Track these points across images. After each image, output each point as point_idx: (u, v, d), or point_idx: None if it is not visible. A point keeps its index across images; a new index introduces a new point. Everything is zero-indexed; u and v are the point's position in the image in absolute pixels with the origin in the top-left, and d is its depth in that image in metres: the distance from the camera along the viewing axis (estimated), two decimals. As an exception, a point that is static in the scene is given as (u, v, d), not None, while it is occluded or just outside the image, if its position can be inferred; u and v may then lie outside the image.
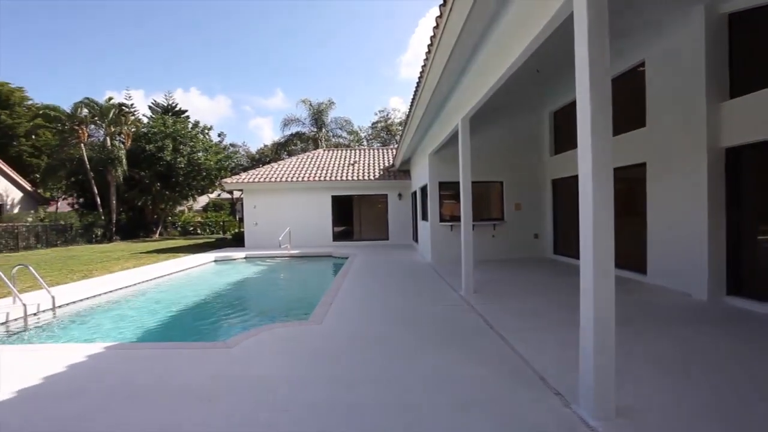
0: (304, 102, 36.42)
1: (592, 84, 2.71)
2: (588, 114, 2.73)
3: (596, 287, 2.72)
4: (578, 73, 2.84)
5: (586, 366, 2.81)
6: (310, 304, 6.86)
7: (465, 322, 5.30)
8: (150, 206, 28.97)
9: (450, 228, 11.38)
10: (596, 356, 2.73)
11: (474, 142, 7.60)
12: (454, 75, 6.64)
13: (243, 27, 73.89)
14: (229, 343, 4.64)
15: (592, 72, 2.71)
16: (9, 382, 3.65)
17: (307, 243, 17.49)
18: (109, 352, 4.50)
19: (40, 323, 6.49)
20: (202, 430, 2.78)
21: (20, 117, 33.56)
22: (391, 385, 3.42)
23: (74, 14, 62.55)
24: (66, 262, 13.60)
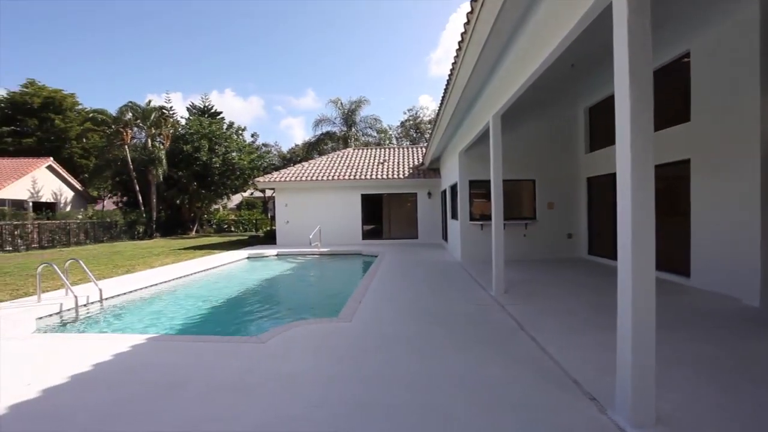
0: (335, 102, 36.86)
1: (632, 77, 2.59)
2: (627, 109, 2.61)
3: (635, 289, 2.61)
4: (617, 66, 2.72)
5: (624, 371, 2.70)
6: (340, 301, 6.93)
7: (495, 323, 5.21)
8: (187, 205, 30.15)
9: (480, 227, 11.21)
10: (635, 361, 2.61)
11: (505, 139, 7.47)
12: (486, 71, 6.52)
13: (275, 28, 75.57)
14: (263, 338, 4.76)
15: (632, 64, 2.59)
16: (63, 368, 3.90)
17: (337, 241, 17.69)
18: (150, 343, 4.72)
19: (89, 314, 6.90)
20: (237, 422, 2.87)
21: (72, 121, 35.80)
22: (420, 384, 3.41)
23: (120, 25, 66.00)
24: (111, 257, 14.37)
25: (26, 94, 35.38)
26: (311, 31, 76.36)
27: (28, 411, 3.10)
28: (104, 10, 66.14)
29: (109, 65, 69.39)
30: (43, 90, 36.24)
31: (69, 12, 63.25)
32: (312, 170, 19.16)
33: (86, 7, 64.24)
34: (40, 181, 26.34)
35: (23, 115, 34.40)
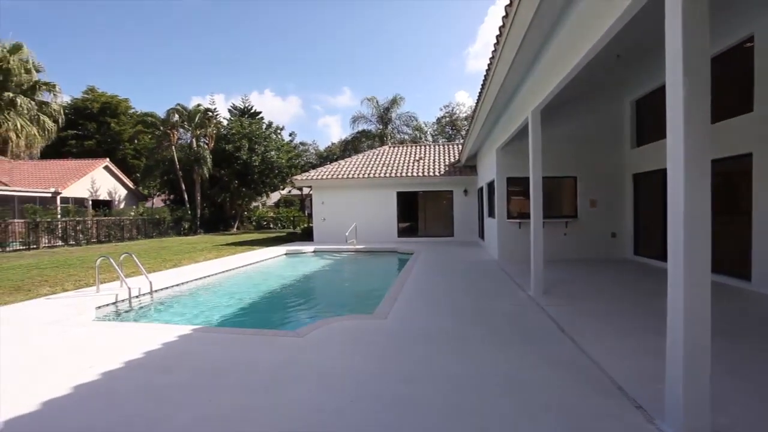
0: (370, 100, 37.07)
1: (687, 65, 2.42)
2: (680, 100, 2.45)
3: (688, 293, 2.45)
4: (669, 54, 2.55)
5: (675, 380, 2.55)
6: (375, 298, 6.99)
7: (534, 323, 5.07)
8: (228, 202, 31.39)
9: (518, 225, 10.92)
10: (687, 371, 2.46)
11: (545, 135, 7.23)
12: (525, 65, 6.33)
13: (313, 26, 76.90)
14: (300, 332, 4.88)
15: (687, 51, 2.42)
16: (119, 354, 4.18)
17: (373, 238, 17.81)
18: (194, 333, 4.96)
19: (141, 304, 7.35)
20: (276, 413, 2.96)
21: (125, 124, 38.32)
22: (456, 383, 3.38)
23: (168, 32, 69.60)
24: (159, 252, 15.22)
25: (87, 100, 38.20)
26: (348, 27, 77.05)
27: (90, 392, 3.35)
28: (154, 19, 70.02)
29: (159, 69, 73.35)
30: (101, 96, 39.01)
31: (124, 21, 67.48)
32: (348, 168, 19.38)
33: (138, 16, 68.26)
34: (98, 181, 28.29)
35: (84, 119, 37.17)
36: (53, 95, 18.48)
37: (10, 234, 17.12)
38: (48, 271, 10.40)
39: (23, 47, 16.89)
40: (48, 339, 4.82)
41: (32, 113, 16.94)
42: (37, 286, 8.23)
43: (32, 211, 18.52)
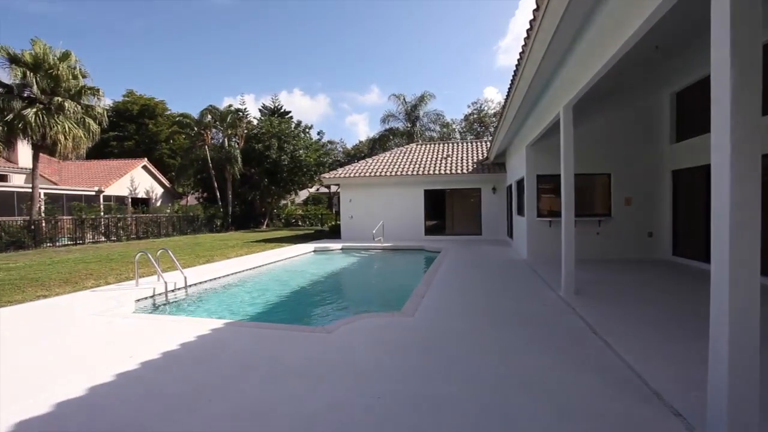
0: (398, 97, 37.01)
1: (736, 51, 2.25)
2: (727, 91, 2.30)
3: (734, 298, 2.30)
4: (715, 42, 2.40)
5: (718, 387, 2.41)
6: (403, 295, 6.99)
7: (564, 324, 4.93)
8: (258, 200, 32.16)
9: (548, 224, 10.64)
10: (733, 376, 2.32)
11: (577, 131, 7.01)
12: (557, 58, 6.14)
13: (341, 23, 77.47)
14: (328, 328, 4.95)
15: (736, 39, 2.26)
16: (156, 345, 4.38)
17: (400, 236, 17.81)
18: (227, 327, 5.12)
19: (176, 298, 7.66)
20: (304, 406, 3.02)
21: (162, 125, 39.94)
22: (483, 383, 3.34)
23: (201, 35, 71.96)
24: (193, 248, 15.78)
25: (127, 103, 40.13)
26: (376, 24, 77.09)
27: (130, 380, 3.53)
28: (187, 22, 72.54)
29: (192, 71, 76.03)
30: (140, 98, 40.88)
31: (158, 27, 70.28)
32: (375, 166, 19.44)
33: (171, 21, 70.92)
34: (136, 180, 29.64)
35: (125, 121, 39.07)
36: (97, 99, 19.43)
37: (59, 230, 18.22)
38: (92, 265, 11.00)
39: (71, 55, 17.84)
40: (93, 329, 5.10)
41: (78, 116, 17.89)
42: (83, 278, 8.72)
43: (78, 208, 19.63)
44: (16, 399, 3.19)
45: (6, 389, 3.39)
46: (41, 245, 16.96)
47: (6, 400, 3.19)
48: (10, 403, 3.13)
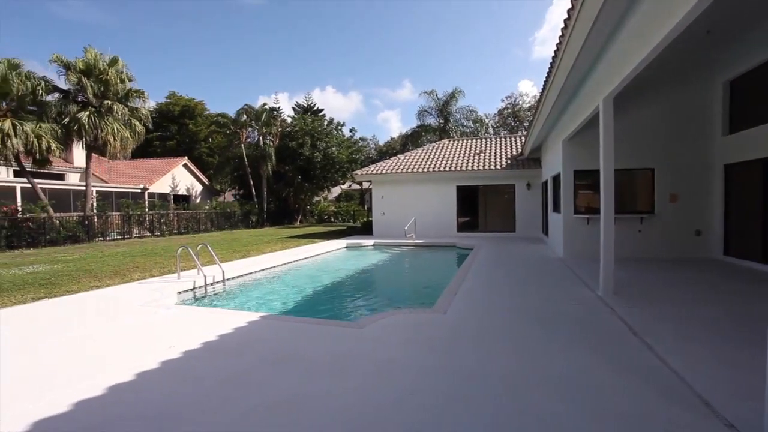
0: (429, 93, 36.71)
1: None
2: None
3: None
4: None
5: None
6: (435, 292, 6.97)
7: (602, 325, 4.75)
8: (292, 197, 32.87)
9: (586, 221, 10.26)
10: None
11: (618, 123, 6.71)
12: (597, 48, 5.90)
13: (373, 18, 77.55)
14: (360, 323, 5.02)
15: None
16: (196, 335, 4.59)
17: (432, 233, 17.72)
18: (261, 320, 5.30)
19: (215, 291, 7.99)
20: (336, 400, 3.08)
21: (201, 125, 41.56)
22: (515, 382, 3.29)
23: (237, 36, 74.17)
24: (230, 243, 16.36)
25: (169, 104, 42.05)
26: (408, 18, 76.60)
27: (173, 368, 3.73)
28: (224, 26, 74.94)
29: (230, 72, 78.59)
30: (181, 100, 42.72)
31: (197, 30, 73.07)
32: (408, 162, 19.41)
33: (210, 24, 73.52)
34: (177, 177, 31.03)
35: (167, 121, 40.98)
36: (142, 101, 20.52)
37: (109, 225, 19.42)
38: (139, 258, 11.64)
39: (119, 60, 18.89)
40: (139, 318, 5.42)
41: (125, 118, 18.94)
42: (130, 271, 9.25)
43: (126, 205, 20.79)
44: (75, 381, 3.44)
45: (68, 372, 3.67)
46: (94, 239, 18.12)
47: (65, 382, 3.45)
48: (68, 385, 3.38)
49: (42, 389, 3.33)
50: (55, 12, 61.42)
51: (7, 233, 15.13)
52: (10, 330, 5.01)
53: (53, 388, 3.33)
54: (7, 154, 15.80)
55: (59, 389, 3.30)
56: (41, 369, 3.77)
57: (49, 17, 61.97)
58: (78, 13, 63.92)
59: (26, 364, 3.92)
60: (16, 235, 15.40)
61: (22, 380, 3.53)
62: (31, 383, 3.46)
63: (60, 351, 4.24)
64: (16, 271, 9.47)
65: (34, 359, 4.03)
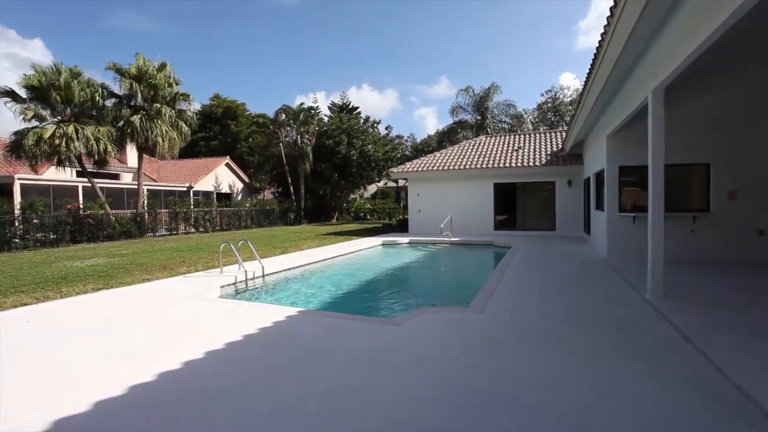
0: (466, 90, 36.14)
1: None
2: None
3: None
4: None
5: None
6: (471, 291, 6.88)
7: (650, 330, 4.51)
8: (329, 194, 33.42)
9: (632, 219, 9.75)
10: None
11: (669, 116, 6.31)
12: (647, 35, 5.55)
13: (412, 13, 77.21)
14: (396, 320, 5.04)
15: None
16: (238, 328, 4.78)
17: (468, 231, 17.48)
18: (299, 315, 5.43)
19: (255, 286, 8.28)
20: (371, 394, 3.12)
21: (242, 125, 43.07)
22: (553, 386, 3.19)
23: (275, 37, 76.11)
24: (269, 239, 16.86)
25: (213, 106, 43.88)
26: (446, 13, 75.64)
27: (217, 358, 3.91)
28: (263, 27, 77.16)
29: (269, 73, 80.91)
30: (223, 101, 44.48)
31: (238, 33, 75.68)
32: (444, 160, 19.22)
33: (249, 27, 75.90)
34: (220, 176, 32.34)
35: (211, 123, 42.80)
36: (188, 104, 21.57)
37: (158, 221, 20.57)
38: (185, 253, 12.25)
39: (167, 65, 19.95)
40: (185, 310, 5.71)
41: (173, 120, 19.95)
42: (177, 265, 9.76)
43: (173, 202, 21.94)
44: (130, 367, 3.69)
45: (124, 359, 3.94)
46: (144, 235, 19.26)
47: (122, 367, 3.70)
48: (125, 370, 3.63)
49: (103, 373, 3.59)
50: (111, 23, 65.83)
51: (71, 229, 16.38)
52: (74, 319, 5.44)
53: (110, 375, 3.58)
54: (70, 156, 17.07)
55: (116, 374, 3.55)
56: (101, 355, 4.06)
57: (106, 28, 66.49)
58: (131, 23, 68.13)
59: (88, 350, 4.23)
60: (79, 230, 16.63)
61: (88, 364, 3.82)
62: (94, 367, 3.74)
63: (116, 339, 4.55)
64: (78, 264, 10.24)
65: (94, 346, 4.34)
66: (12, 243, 14.29)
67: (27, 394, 3.24)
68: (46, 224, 15.73)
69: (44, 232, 15.56)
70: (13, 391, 3.29)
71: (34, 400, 3.11)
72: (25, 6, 63.74)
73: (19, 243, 14.50)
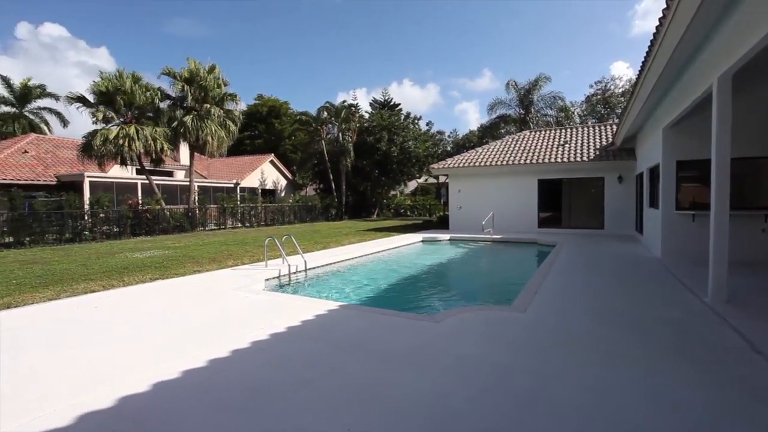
0: (510, 84, 35.06)
1: None
2: None
3: None
4: None
5: None
6: (513, 290, 6.71)
7: (712, 337, 4.19)
8: (369, 191, 33.70)
9: (691, 218, 9.07)
10: None
11: (737, 105, 5.81)
12: (713, 17, 5.10)
13: (454, 5, 75.95)
14: (436, 317, 5.02)
15: None
16: (281, 320, 4.95)
17: (511, 228, 17.03)
18: (340, 309, 5.54)
19: (297, 279, 8.53)
20: (409, 390, 3.13)
21: (285, 123, 44.32)
22: (600, 391, 3.05)
23: (318, 36, 77.53)
24: (312, 235, 17.27)
25: (258, 105, 45.48)
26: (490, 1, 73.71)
27: (262, 348, 4.07)
28: (305, 27, 78.79)
29: (311, 71, 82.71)
30: (268, 101, 45.98)
31: (281, 32, 77.78)
32: (486, 155, 18.82)
33: (291, 27, 77.78)
34: (265, 173, 33.50)
35: (256, 122, 44.38)
36: (235, 104, 22.57)
37: (208, 216, 21.69)
38: (232, 247, 12.83)
39: (216, 67, 20.92)
40: (233, 302, 5.99)
41: (221, 120, 20.90)
42: (225, 258, 10.24)
43: (221, 198, 23.02)
44: (183, 352, 3.93)
45: (178, 345, 4.21)
46: (195, 229, 20.36)
47: (176, 354, 3.95)
48: (178, 356, 3.87)
49: (159, 357, 3.85)
50: (166, 30, 69.86)
51: (132, 222, 17.65)
52: (134, 307, 5.87)
53: (165, 359, 3.83)
54: (131, 155, 18.41)
55: (170, 358, 3.79)
56: (157, 340, 4.36)
57: (161, 35, 70.66)
58: (182, 29, 71.99)
59: (147, 335, 4.55)
60: (138, 224, 17.88)
61: (146, 348, 4.12)
62: (152, 351, 4.02)
63: (170, 326, 4.86)
64: (138, 255, 11.02)
65: (152, 332, 4.66)
66: (83, 235, 15.61)
67: (95, 373, 3.53)
68: (111, 218, 17.04)
69: (109, 225, 16.88)
70: (82, 371, 3.60)
71: (102, 378, 3.39)
72: (93, 18, 69.40)
73: (88, 235, 15.81)
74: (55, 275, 8.09)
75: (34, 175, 20.32)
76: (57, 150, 23.54)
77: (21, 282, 7.42)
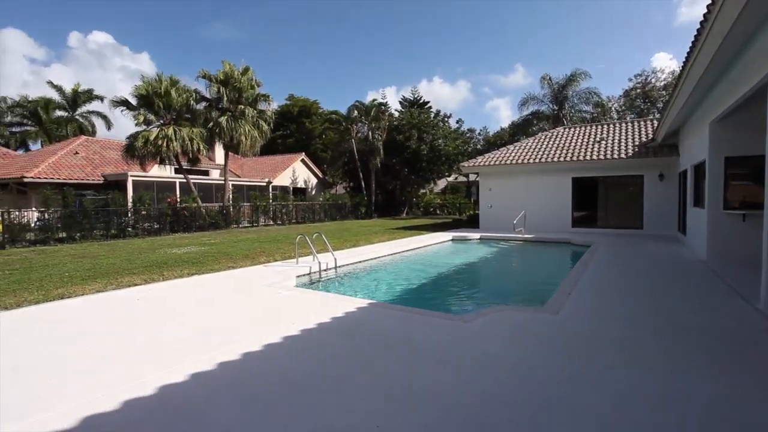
0: (544, 79, 34.09)
1: None
2: None
3: None
4: None
5: None
6: (545, 291, 6.55)
7: (766, 345, 3.94)
8: (398, 189, 33.71)
9: (741, 217, 8.52)
10: None
11: (795, 97, 5.41)
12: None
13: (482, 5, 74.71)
14: (466, 317, 4.97)
15: None
16: (312, 316, 5.04)
17: (543, 227, 16.59)
18: (369, 307, 5.57)
19: (327, 277, 8.65)
20: (434, 391, 3.11)
21: (316, 123, 45.02)
22: (643, 401, 2.90)
23: (348, 36, 78.21)
24: (341, 233, 17.45)
25: (289, 105, 46.38)
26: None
27: (294, 342, 4.17)
28: (335, 25, 79.63)
29: (341, 70, 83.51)
30: (298, 101, 46.82)
31: (311, 31, 78.96)
32: (517, 153, 18.40)
33: (322, 27, 78.77)
34: (296, 172, 34.15)
35: (287, 121, 45.31)
36: (267, 104, 23.15)
37: (241, 214, 22.36)
38: (264, 244, 13.17)
39: (249, 69, 21.53)
40: (265, 297, 6.16)
41: (254, 120, 21.47)
42: (258, 255, 10.53)
43: (254, 197, 23.65)
44: (218, 346, 4.08)
45: (213, 338, 4.38)
46: (229, 226, 21.02)
47: (212, 347, 4.10)
48: (214, 348, 4.02)
49: (196, 349, 4.01)
50: (202, 34, 72.45)
51: (170, 220, 18.45)
52: (172, 300, 6.15)
53: (202, 351, 3.98)
54: (169, 155, 19.24)
55: (206, 351, 3.94)
56: (194, 333, 4.55)
57: (198, 39, 73.35)
58: (218, 32, 74.42)
59: (183, 328, 4.76)
60: (176, 221, 18.67)
61: (184, 340, 4.31)
62: (190, 343, 4.20)
63: (206, 319, 5.05)
64: (176, 251, 11.51)
65: (189, 325, 4.87)
66: (126, 231, 16.47)
67: (137, 362, 3.73)
68: (152, 215, 17.89)
69: (150, 222, 17.71)
70: (126, 359, 3.81)
71: (143, 367, 3.58)
72: (136, 24, 73.00)
73: (131, 231, 16.66)
74: (102, 269, 8.58)
75: (84, 174, 21.61)
76: (104, 151, 24.94)
77: (73, 275, 7.92)
